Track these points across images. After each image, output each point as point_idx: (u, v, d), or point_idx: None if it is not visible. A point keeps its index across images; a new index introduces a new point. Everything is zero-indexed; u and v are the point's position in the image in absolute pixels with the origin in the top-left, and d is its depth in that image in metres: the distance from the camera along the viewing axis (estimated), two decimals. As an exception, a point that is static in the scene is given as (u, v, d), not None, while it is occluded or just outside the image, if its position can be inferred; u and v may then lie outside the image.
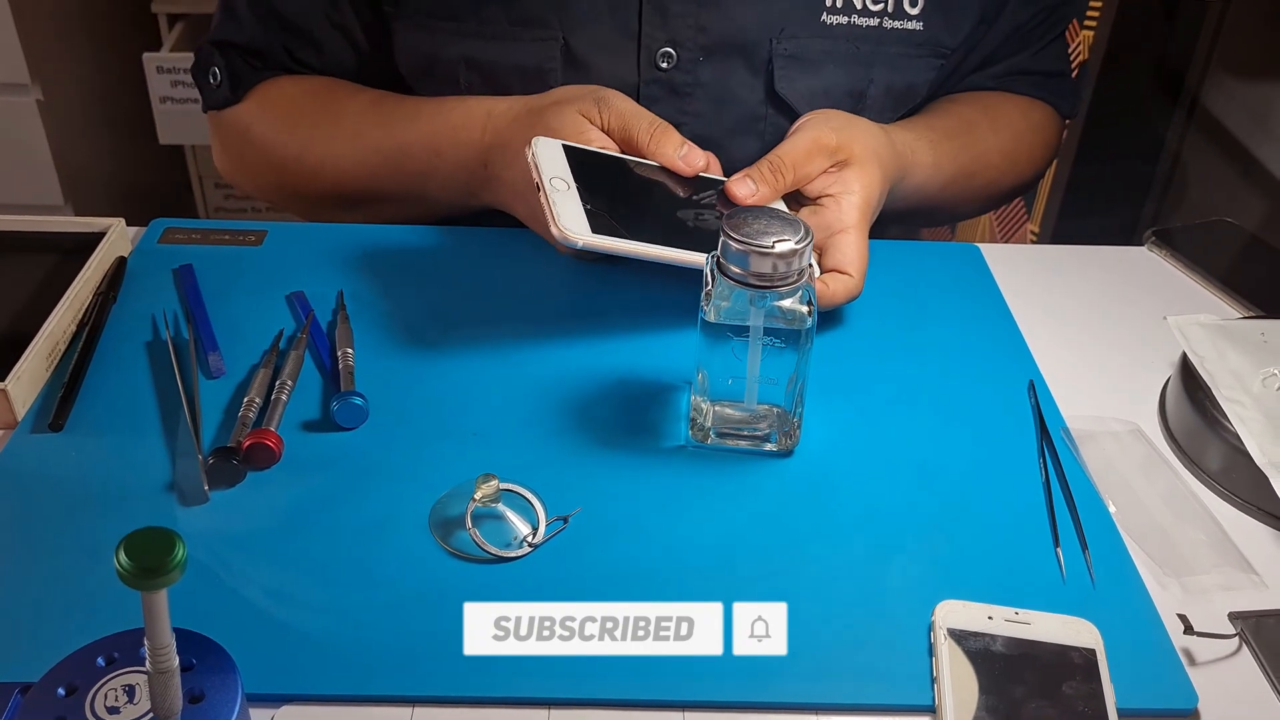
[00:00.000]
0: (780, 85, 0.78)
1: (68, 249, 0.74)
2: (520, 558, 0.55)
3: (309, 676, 0.49)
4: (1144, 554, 0.57)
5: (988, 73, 0.89)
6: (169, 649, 0.42)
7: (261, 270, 0.75)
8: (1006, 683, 0.49)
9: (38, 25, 1.56)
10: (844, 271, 0.68)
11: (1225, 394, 0.62)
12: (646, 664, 0.50)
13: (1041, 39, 0.89)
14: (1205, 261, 0.81)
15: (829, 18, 0.78)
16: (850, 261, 0.68)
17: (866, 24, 0.78)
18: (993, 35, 0.87)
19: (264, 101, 0.83)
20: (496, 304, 0.73)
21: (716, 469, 0.61)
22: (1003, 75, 0.90)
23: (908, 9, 0.79)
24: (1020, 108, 0.90)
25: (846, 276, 0.68)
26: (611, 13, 0.76)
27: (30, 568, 0.54)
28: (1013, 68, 0.90)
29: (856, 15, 0.78)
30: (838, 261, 0.68)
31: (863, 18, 0.78)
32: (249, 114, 0.84)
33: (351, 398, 0.62)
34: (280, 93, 0.83)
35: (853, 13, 0.78)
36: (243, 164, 0.87)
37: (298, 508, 0.57)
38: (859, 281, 0.68)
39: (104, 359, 0.67)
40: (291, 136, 0.82)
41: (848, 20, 0.78)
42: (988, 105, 0.88)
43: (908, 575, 0.55)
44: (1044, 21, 0.89)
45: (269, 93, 0.84)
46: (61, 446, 0.61)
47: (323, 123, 0.81)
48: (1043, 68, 0.91)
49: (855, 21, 0.78)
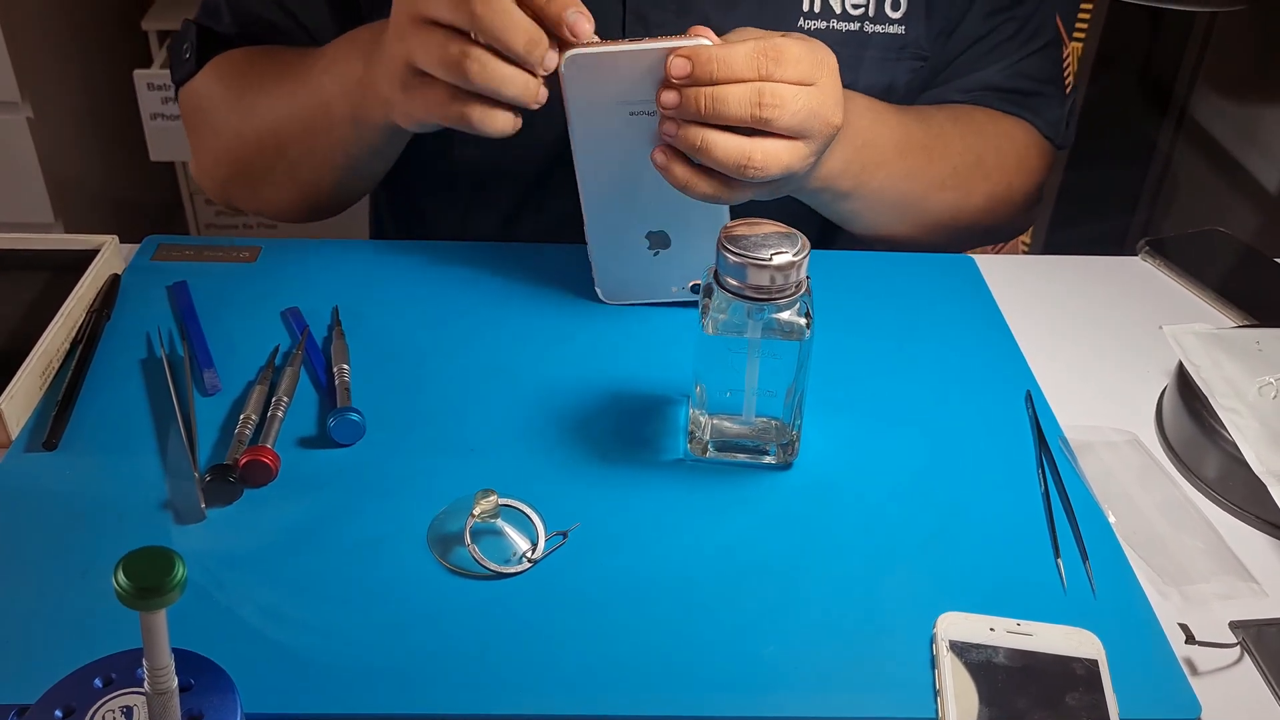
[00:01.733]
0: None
1: (61, 266, 0.73)
2: (519, 573, 0.55)
3: (308, 695, 0.49)
4: (1144, 564, 0.57)
5: (953, 85, 0.85)
6: (168, 669, 0.41)
7: (256, 287, 0.75)
8: (1009, 694, 0.49)
9: (28, 43, 1.56)
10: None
11: (1222, 403, 0.62)
12: (647, 677, 0.50)
13: (1015, 53, 0.85)
14: (1199, 271, 0.81)
15: (806, 23, 0.77)
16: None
17: (846, 28, 0.77)
18: (952, 46, 0.83)
19: (216, 70, 0.83)
20: (493, 319, 0.73)
21: (715, 482, 0.61)
22: (971, 90, 0.85)
23: (889, 12, 0.78)
24: (993, 118, 0.85)
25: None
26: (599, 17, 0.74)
27: (26, 587, 0.53)
28: (981, 83, 0.85)
29: (835, 20, 0.77)
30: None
31: (842, 22, 0.77)
32: (202, 84, 0.83)
33: (348, 414, 0.62)
34: (230, 62, 0.83)
35: (831, 17, 0.77)
36: (198, 140, 0.86)
37: (295, 525, 0.57)
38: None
39: (98, 377, 0.67)
40: (237, 101, 0.81)
41: (826, 25, 0.77)
42: (959, 111, 0.84)
43: (908, 587, 0.55)
44: (1014, 35, 0.84)
45: (221, 63, 0.83)
46: (56, 465, 0.60)
47: (263, 86, 0.80)
48: (1016, 85, 0.86)
49: (834, 26, 0.77)
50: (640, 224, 0.70)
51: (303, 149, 0.78)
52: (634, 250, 0.71)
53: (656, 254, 0.71)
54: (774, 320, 0.57)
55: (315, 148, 0.77)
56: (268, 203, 0.84)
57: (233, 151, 0.82)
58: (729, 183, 0.64)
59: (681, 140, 0.62)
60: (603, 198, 0.69)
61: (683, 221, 0.70)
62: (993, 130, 0.85)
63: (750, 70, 0.61)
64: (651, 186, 0.66)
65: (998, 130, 0.85)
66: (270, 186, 0.82)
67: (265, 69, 0.80)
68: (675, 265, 0.72)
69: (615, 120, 0.65)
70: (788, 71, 0.61)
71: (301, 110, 0.76)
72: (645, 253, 0.71)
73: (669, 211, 0.69)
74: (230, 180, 0.85)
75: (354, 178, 0.81)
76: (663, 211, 0.69)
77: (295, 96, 0.76)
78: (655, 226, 0.70)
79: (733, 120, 0.61)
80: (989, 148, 0.84)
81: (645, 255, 0.71)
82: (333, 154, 0.77)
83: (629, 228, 0.70)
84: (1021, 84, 0.86)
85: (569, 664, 0.50)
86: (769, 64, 0.61)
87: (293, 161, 0.79)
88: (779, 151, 0.62)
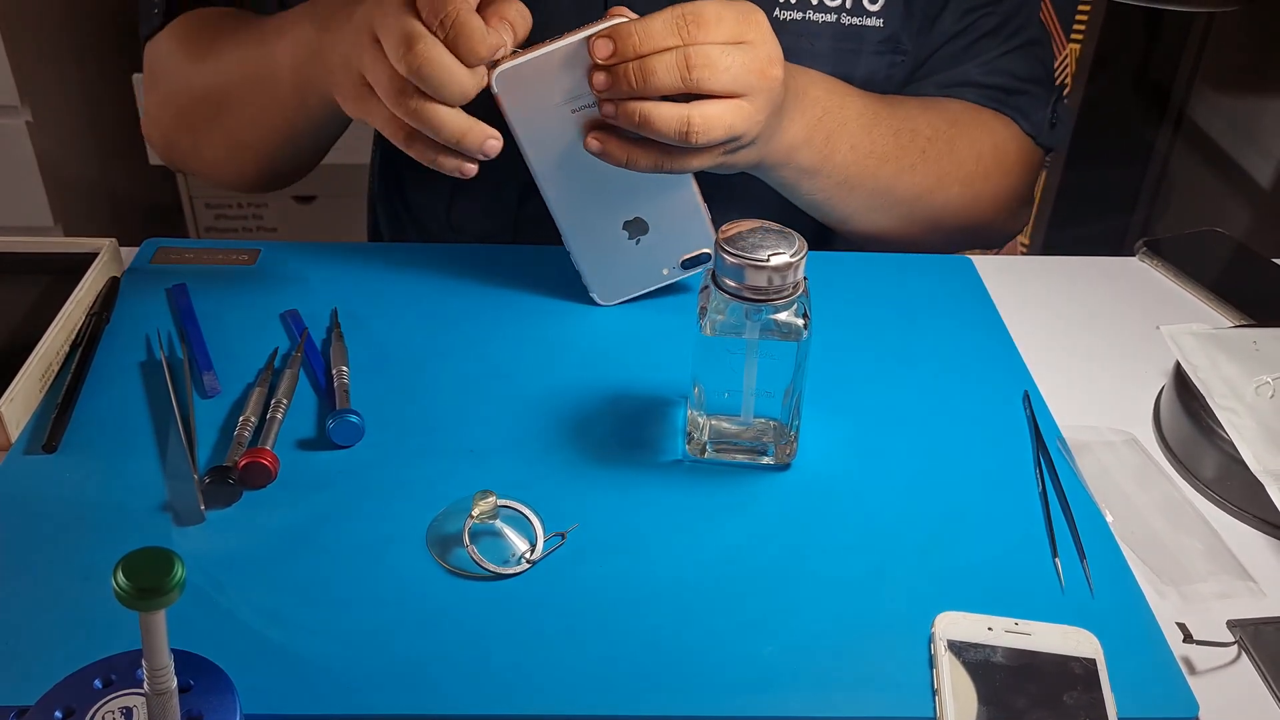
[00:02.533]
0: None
1: (60, 269, 0.73)
2: (518, 574, 0.55)
3: (307, 696, 0.49)
4: (1141, 563, 0.57)
5: (932, 81, 0.83)
6: (167, 670, 0.41)
7: (255, 289, 0.75)
8: (1007, 694, 0.49)
9: (27, 47, 1.56)
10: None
11: (1219, 402, 0.62)
12: (646, 677, 0.50)
13: (995, 49, 0.83)
14: (1196, 271, 0.81)
15: (782, 13, 0.76)
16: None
17: (823, 19, 0.77)
18: (931, 41, 0.82)
19: (180, 26, 0.83)
20: (490, 321, 0.73)
21: (713, 483, 0.61)
22: (949, 85, 0.83)
23: (867, 4, 0.77)
24: (970, 109, 0.83)
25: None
26: (579, 14, 0.71)
27: (25, 590, 0.53)
28: (961, 78, 0.83)
29: (812, 11, 0.76)
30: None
31: (819, 13, 0.76)
32: (164, 39, 0.83)
33: (347, 416, 0.62)
34: (194, 19, 0.83)
35: (808, 9, 0.76)
36: (152, 94, 0.85)
37: (294, 527, 0.57)
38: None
39: (98, 379, 0.67)
40: (192, 56, 0.81)
41: (802, 16, 0.76)
42: (932, 99, 0.82)
43: (907, 587, 0.55)
44: (994, 31, 0.83)
45: (185, 20, 0.83)
46: (56, 467, 0.61)
47: (218, 43, 0.79)
48: (997, 82, 0.84)
49: (811, 17, 0.76)
50: (614, 217, 0.70)
51: (246, 109, 0.77)
52: (615, 244, 0.71)
53: (638, 241, 0.71)
54: (772, 321, 0.57)
55: (258, 108, 0.77)
56: (207, 163, 0.84)
57: (180, 104, 0.82)
58: (671, 151, 0.64)
59: (622, 118, 0.63)
60: (570, 202, 0.69)
61: (654, 204, 0.70)
62: (968, 120, 0.83)
63: (672, 37, 0.61)
64: (614, 178, 0.67)
65: (974, 120, 0.83)
66: (210, 145, 0.82)
67: (225, 27, 0.80)
68: (660, 248, 0.72)
69: (560, 122, 0.65)
70: (710, 33, 0.62)
71: (250, 70, 0.76)
72: (627, 244, 0.71)
73: (637, 198, 0.69)
74: (173, 133, 0.84)
75: (294, 148, 0.80)
76: (631, 199, 0.69)
77: (246, 56, 0.76)
78: (629, 215, 0.70)
79: (665, 89, 0.61)
80: (963, 136, 0.81)
81: (628, 246, 0.71)
82: (274, 118, 0.76)
83: (604, 224, 0.70)
84: (1002, 80, 0.84)
85: (568, 664, 0.51)
86: (690, 28, 0.61)
87: (235, 120, 0.79)
88: (720, 113, 0.62)
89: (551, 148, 0.66)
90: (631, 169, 0.65)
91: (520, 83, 0.63)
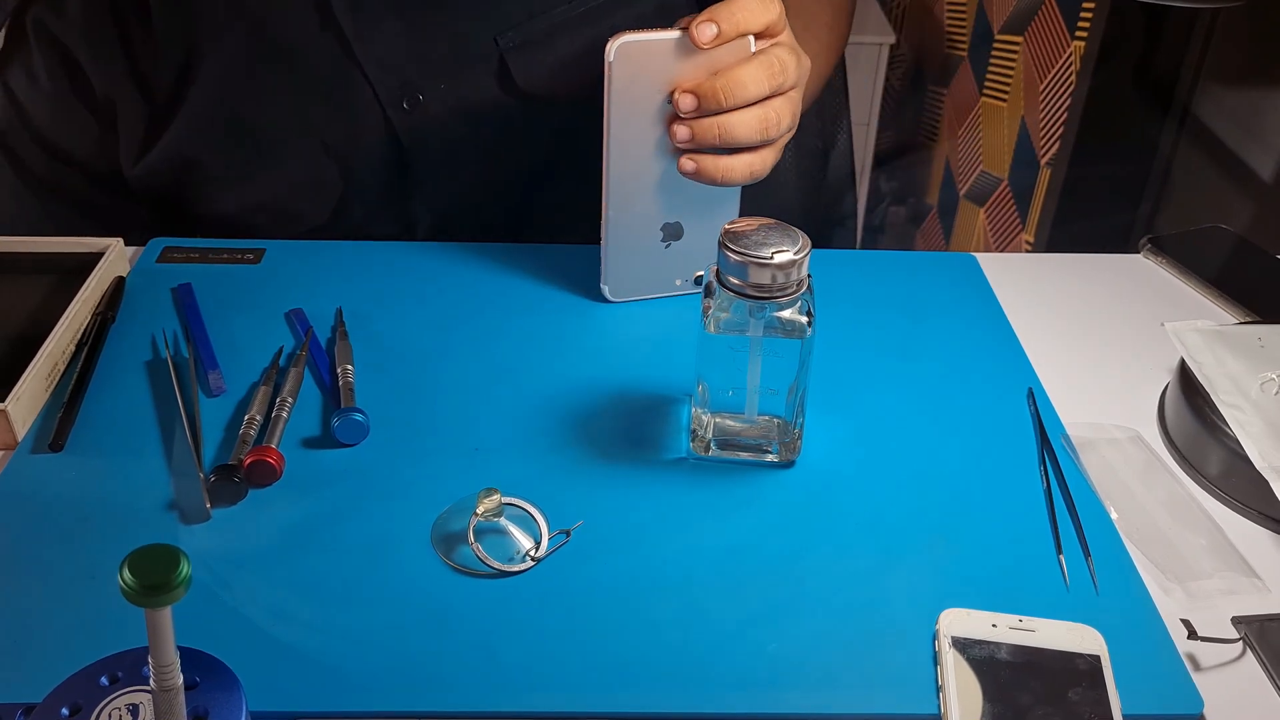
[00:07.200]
0: (519, 78, 0.78)
1: (66, 269, 0.74)
2: (523, 572, 0.55)
3: (313, 694, 0.49)
4: (1146, 560, 0.57)
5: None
6: (173, 667, 0.41)
7: (260, 288, 0.75)
8: (1012, 690, 0.49)
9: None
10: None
11: (1224, 399, 0.62)
12: (651, 674, 0.50)
13: None
14: (1201, 268, 0.81)
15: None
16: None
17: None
18: None
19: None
20: (495, 318, 0.73)
21: (718, 481, 0.61)
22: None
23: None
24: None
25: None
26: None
27: (32, 588, 0.54)
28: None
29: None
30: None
31: None
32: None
33: (352, 414, 0.62)
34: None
35: None
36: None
37: (300, 525, 0.57)
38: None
39: (103, 379, 0.67)
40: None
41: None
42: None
43: (911, 584, 0.55)
44: None
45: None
46: (62, 466, 0.61)
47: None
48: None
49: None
50: (658, 215, 0.71)
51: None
52: (648, 243, 0.72)
53: (668, 245, 0.72)
54: (776, 318, 0.57)
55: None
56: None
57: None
58: (756, 151, 0.68)
59: (703, 135, 0.65)
60: (627, 189, 0.70)
61: (697, 213, 0.71)
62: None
63: (763, 89, 0.66)
64: (674, 177, 0.68)
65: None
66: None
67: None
68: (682, 258, 0.73)
69: (652, 108, 0.66)
70: (780, 36, 0.67)
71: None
72: (658, 245, 0.72)
73: (688, 203, 0.71)
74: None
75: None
76: (681, 203, 0.71)
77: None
78: (672, 218, 0.71)
79: (752, 99, 0.66)
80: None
81: (657, 247, 0.72)
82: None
83: (646, 219, 0.71)
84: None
85: (573, 662, 0.51)
86: (778, 77, 0.65)
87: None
88: (781, 105, 0.67)
89: (632, 131, 0.67)
90: (728, 183, 0.68)
91: (634, 60, 0.64)
